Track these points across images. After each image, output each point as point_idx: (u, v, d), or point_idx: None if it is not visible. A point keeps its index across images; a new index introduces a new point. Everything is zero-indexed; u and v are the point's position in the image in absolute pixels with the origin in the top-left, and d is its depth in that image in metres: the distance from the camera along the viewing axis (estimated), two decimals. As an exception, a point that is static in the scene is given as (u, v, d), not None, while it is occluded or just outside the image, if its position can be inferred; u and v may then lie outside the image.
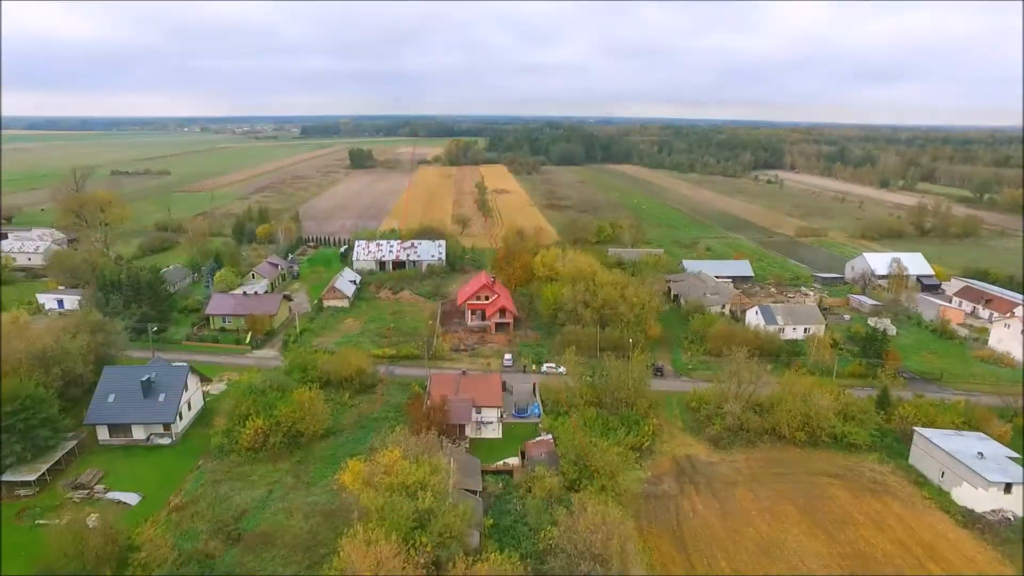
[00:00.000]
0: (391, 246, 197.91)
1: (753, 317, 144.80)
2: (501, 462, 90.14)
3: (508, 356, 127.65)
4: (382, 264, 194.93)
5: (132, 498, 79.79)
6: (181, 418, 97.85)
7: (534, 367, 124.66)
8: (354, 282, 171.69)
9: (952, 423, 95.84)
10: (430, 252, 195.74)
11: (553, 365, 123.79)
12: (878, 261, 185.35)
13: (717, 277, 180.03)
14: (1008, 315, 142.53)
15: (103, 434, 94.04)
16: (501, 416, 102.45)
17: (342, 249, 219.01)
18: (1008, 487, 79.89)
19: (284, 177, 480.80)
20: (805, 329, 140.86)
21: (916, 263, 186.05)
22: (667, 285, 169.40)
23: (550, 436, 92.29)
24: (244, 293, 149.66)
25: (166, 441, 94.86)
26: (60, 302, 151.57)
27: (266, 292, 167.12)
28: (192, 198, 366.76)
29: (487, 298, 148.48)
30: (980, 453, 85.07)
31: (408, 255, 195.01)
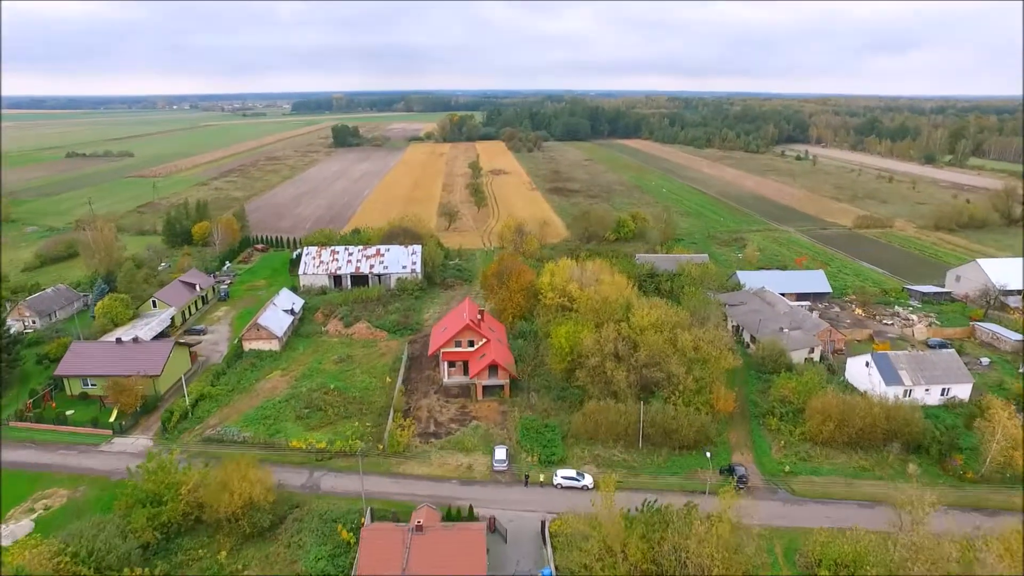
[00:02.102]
0: (350, 254, 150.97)
1: (860, 370, 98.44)
2: None
3: (501, 452, 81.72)
4: (338, 279, 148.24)
5: None
6: None
7: (541, 478, 78.62)
8: (292, 311, 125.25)
9: None
10: (401, 262, 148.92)
11: (574, 474, 77.78)
12: (1000, 271, 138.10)
13: (783, 295, 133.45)
14: None
15: None
16: (485, 609, 57.03)
17: (295, 253, 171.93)
18: None
19: (258, 158, 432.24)
20: (943, 391, 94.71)
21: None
22: (723, 309, 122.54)
23: None
24: (118, 340, 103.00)
25: None
26: None
27: (165, 331, 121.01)
28: (144, 184, 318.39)
29: (471, 344, 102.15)
30: None
31: (372, 266, 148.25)
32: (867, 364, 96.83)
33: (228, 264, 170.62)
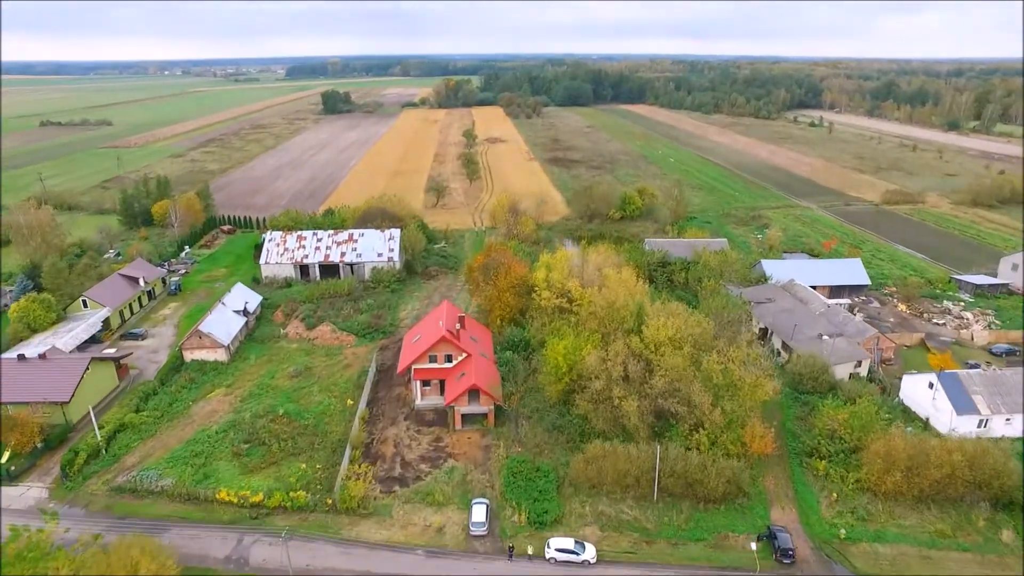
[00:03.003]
0: (319, 240, 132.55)
1: (921, 392, 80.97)
2: None
3: (480, 511, 64.69)
4: (304, 269, 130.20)
5: None
6: None
7: (530, 550, 61.68)
8: (244, 311, 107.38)
9: None
10: (376, 249, 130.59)
11: (571, 546, 60.82)
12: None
13: (814, 288, 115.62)
14: None
15: None
16: None
17: (263, 237, 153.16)
18: None
19: (242, 126, 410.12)
20: (1027, 419, 77.28)
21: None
22: (748, 308, 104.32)
23: None
24: (20, 356, 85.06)
25: None
26: None
27: (96, 335, 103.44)
28: (116, 155, 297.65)
29: (449, 359, 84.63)
30: None
31: (344, 254, 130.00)
32: (931, 386, 79.25)
33: (187, 249, 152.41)
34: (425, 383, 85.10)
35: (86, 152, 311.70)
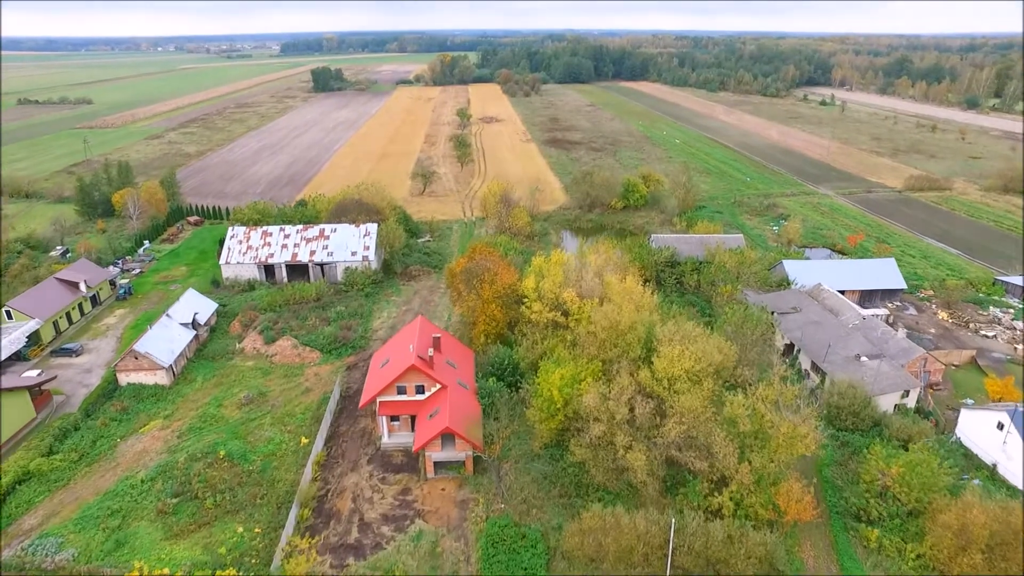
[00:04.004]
0: (286, 237, 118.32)
1: (986, 432, 67.56)
2: None
3: (449, 603, 51.79)
4: (270, 269, 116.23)
5: None
6: None
7: (511, 662, 48.77)
8: (193, 323, 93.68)
9: None
10: (350, 246, 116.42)
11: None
12: None
13: (842, 293, 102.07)
14: None
15: None
16: None
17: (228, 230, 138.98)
18: None
19: (227, 105, 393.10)
20: (1116, 469, 63.99)
21: None
22: (770, 319, 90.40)
23: None
24: (-90, 388, 71.94)
25: None
26: None
27: (21, 352, 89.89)
28: (92, 136, 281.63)
29: (421, 390, 71.10)
30: None
31: (313, 252, 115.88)
32: (1001, 427, 65.82)
33: (147, 244, 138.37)
34: (393, 418, 71.75)
35: (60, 133, 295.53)
